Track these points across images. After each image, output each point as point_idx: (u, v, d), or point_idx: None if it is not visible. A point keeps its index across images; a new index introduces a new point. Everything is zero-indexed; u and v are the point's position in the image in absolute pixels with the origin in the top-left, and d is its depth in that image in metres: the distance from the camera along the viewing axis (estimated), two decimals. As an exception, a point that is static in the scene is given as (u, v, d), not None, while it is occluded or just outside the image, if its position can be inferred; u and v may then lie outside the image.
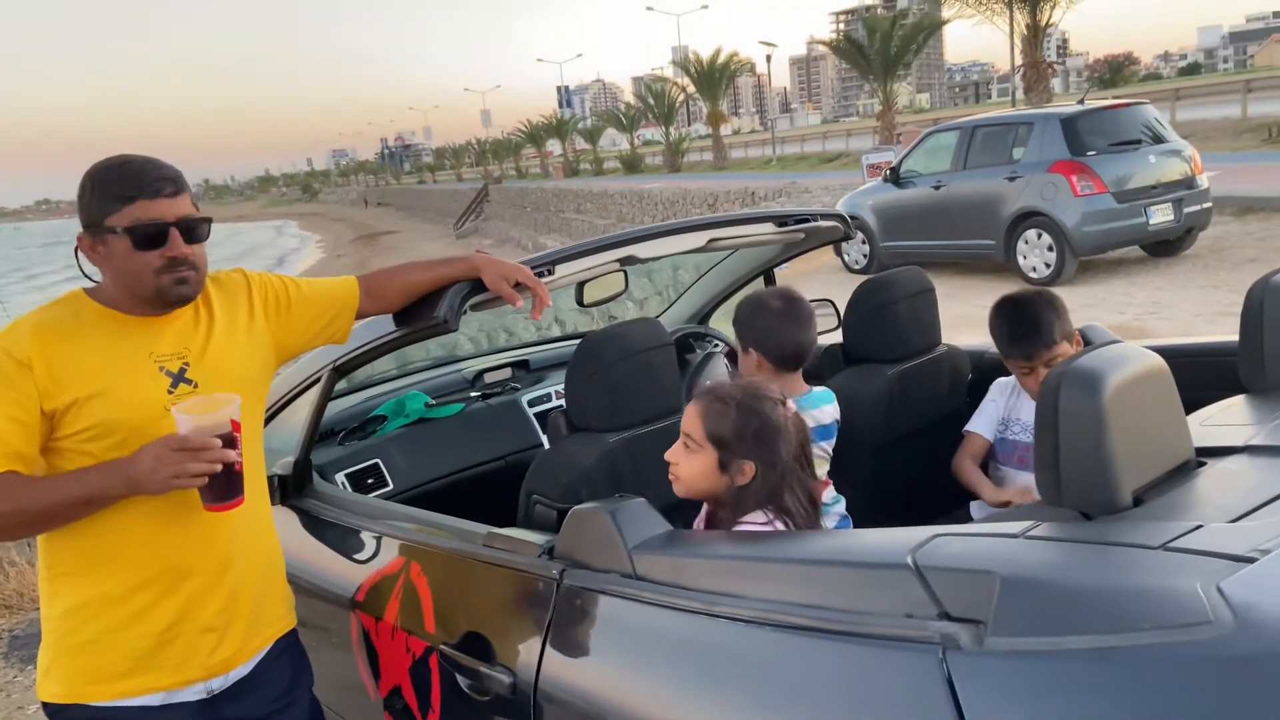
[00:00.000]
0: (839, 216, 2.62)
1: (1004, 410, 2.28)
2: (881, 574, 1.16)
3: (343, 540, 2.10)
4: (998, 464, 2.31)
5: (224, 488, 1.53)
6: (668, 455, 1.64)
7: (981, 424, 2.32)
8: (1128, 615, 0.98)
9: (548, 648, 1.49)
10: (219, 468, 1.50)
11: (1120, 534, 1.14)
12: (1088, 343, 2.25)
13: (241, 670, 1.70)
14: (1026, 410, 2.20)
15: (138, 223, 1.55)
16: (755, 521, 1.52)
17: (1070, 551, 1.12)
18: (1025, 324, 2.14)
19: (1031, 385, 2.16)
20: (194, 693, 1.64)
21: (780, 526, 1.52)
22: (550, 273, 2.06)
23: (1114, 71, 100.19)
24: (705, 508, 1.68)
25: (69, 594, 1.60)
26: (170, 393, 1.61)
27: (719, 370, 3.17)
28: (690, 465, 1.59)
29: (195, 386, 1.63)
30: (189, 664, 1.63)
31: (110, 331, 1.61)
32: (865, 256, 10.84)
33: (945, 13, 27.68)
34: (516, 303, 1.88)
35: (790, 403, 1.60)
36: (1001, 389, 2.31)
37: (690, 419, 1.60)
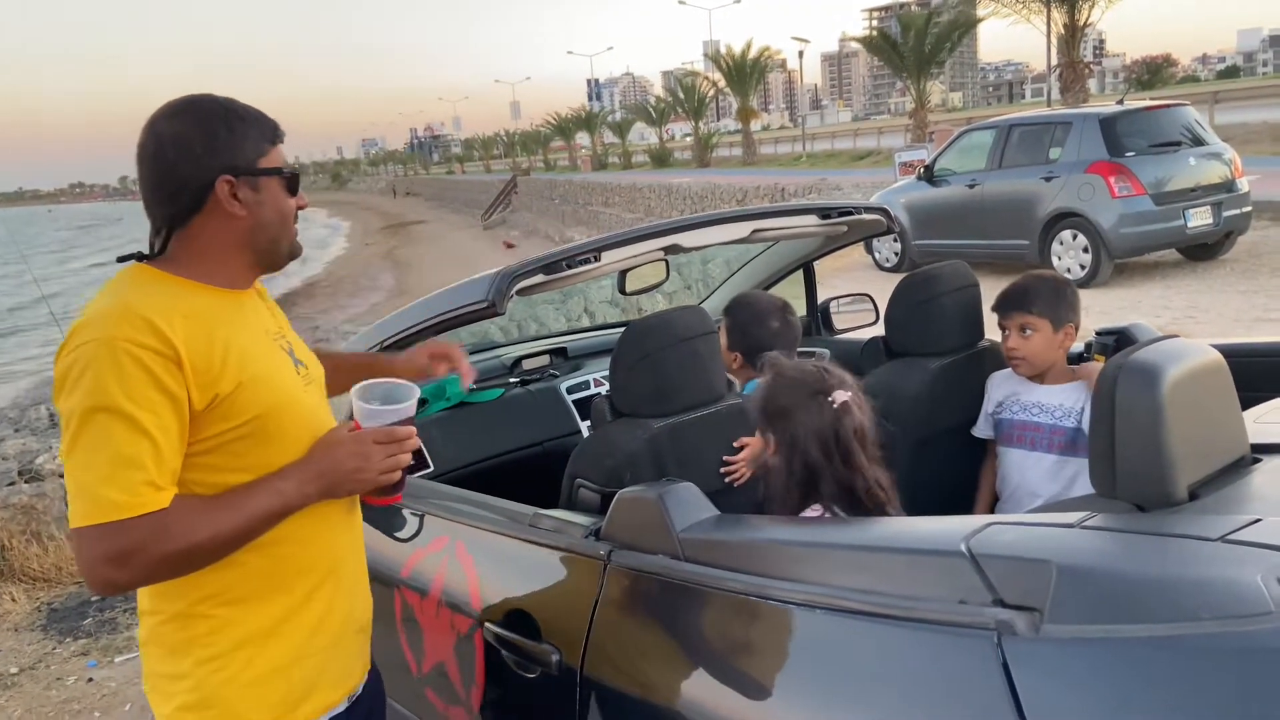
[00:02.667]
0: (882, 209, 2.62)
1: (1001, 394, 2.32)
2: (934, 560, 1.17)
3: (387, 518, 2.13)
4: (998, 445, 2.34)
5: (403, 476, 1.45)
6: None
7: (982, 425, 2.37)
8: (1187, 605, 0.99)
9: (594, 626, 1.51)
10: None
11: (1177, 526, 1.15)
12: (1132, 342, 2.25)
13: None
14: (1026, 391, 2.26)
15: (288, 165, 1.42)
16: (811, 514, 1.55)
17: (1127, 542, 1.12)
18: (1012, 289, 2.26)
19: (1004, 348, 2.27)
20: (343, 705, 1.48)
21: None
22: (596, 259, 2.08)
23: (1152, 73, 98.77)
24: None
25: (245, 620, 1.36)
26: (298, 375, 1.45)
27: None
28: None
29: (306, 368, 1.48)
30: (351, 672, 1.50)
31: (225, 307, 1.38)
32: (896, 255, 10.79)
33: (980, 11, 27.37)
34: (465, 376, 1.81)
35: (843, 394, 1.61)
36: (995, 380, 2.36)
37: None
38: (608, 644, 1.49)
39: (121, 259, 1.39)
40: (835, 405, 1.59)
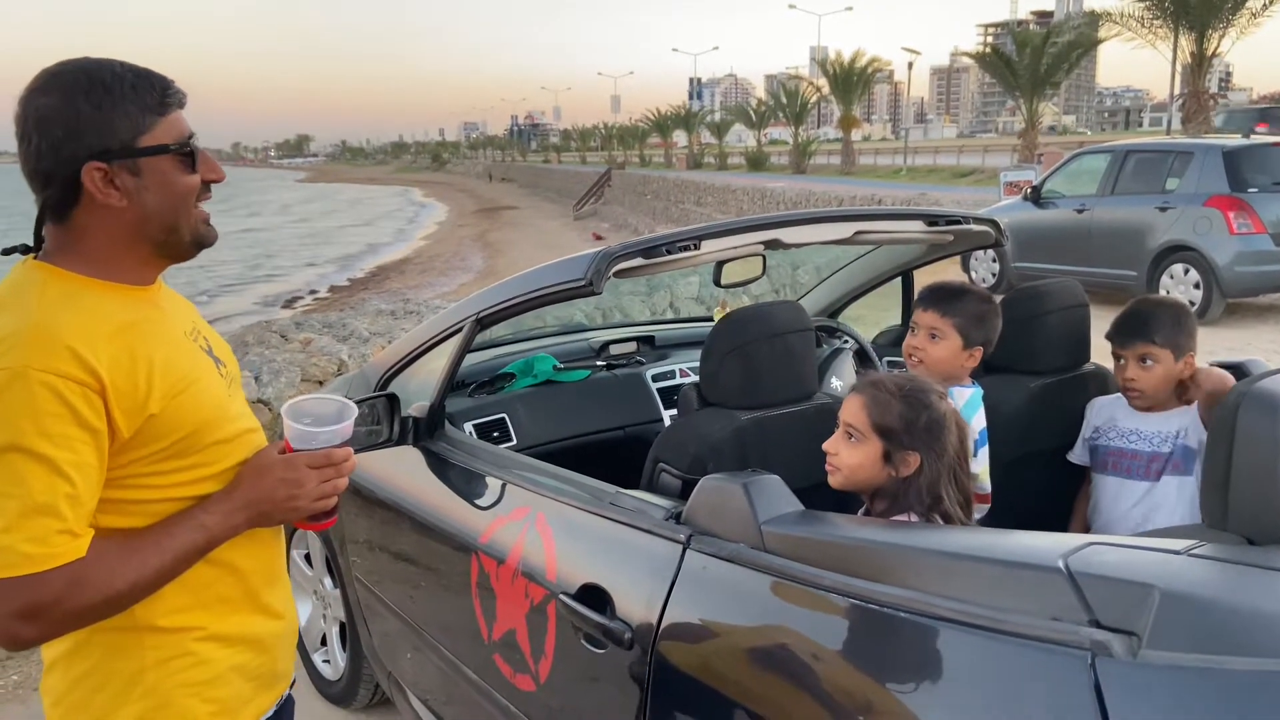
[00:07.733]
0: (992, 221, 2.55)
1: (1099, 420, 2.24)
2: (1029, 574, 1.14)
3: (470, 484, 2.16)
4: (1092, 472, 2.25)
5: (338, 502, 1.35)
6: (826, 446, 1.66)
7: (1078, 450, 2.29)
8: None
9: (669, 608, 1.51)
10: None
11: (1292, 563, 1.09)
12: (1245, 376, 2.15)
13: None
14: (1125, 417, 2.17)
15: (183, 138, 1.22)
16: (901, 518, 1.52)
17: (1238, 574, 1.08)
18: (1132, 316, 2.14)
19: (1119, 378, 2.16)
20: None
21: None
22: (696, 247, 2.07)
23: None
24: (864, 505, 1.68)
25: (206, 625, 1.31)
26: (221, 378, 1.34)
27: (846, 366, 3.13)
28: (852, 455, 1.60)
29: (226, 366, 1.37)
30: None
31: (141, 310, 1.24)
32: (994, 275, 10.51)
33: (1102, 32, 26.41)
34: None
35: (950, 399, 1.59)
36: (1095, 405, 2.27)
37: (853, 409, 1.62)
38: (682, 626, 1.49)
39: (7, 251, 1.26)
40: (953, 408, 1.58)
